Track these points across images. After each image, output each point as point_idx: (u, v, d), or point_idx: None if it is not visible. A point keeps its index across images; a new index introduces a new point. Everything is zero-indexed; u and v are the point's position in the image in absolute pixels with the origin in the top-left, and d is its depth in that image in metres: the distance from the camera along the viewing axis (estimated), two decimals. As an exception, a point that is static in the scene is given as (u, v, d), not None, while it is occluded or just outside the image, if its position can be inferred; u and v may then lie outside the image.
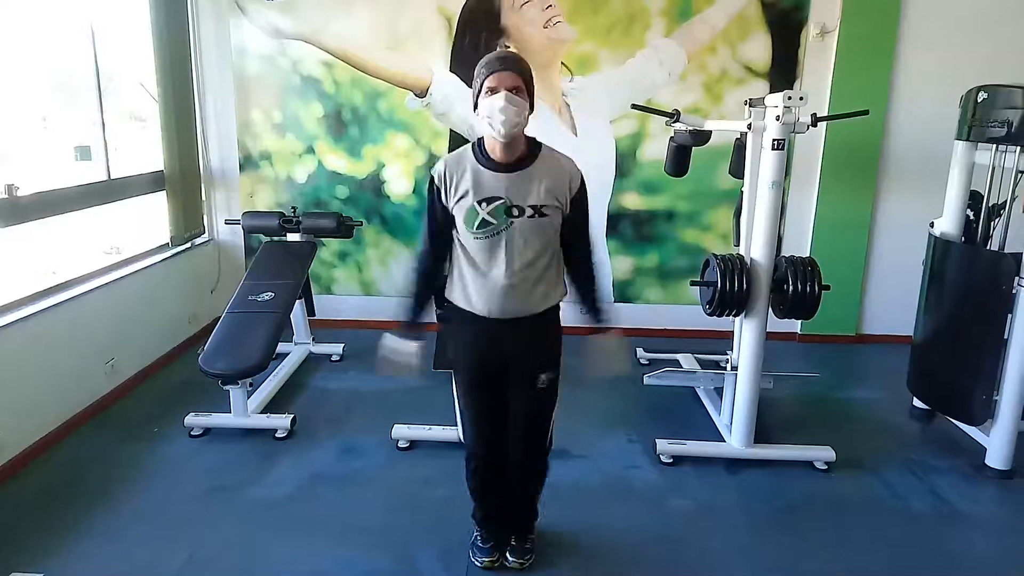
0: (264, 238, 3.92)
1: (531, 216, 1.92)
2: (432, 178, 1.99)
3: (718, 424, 3.16)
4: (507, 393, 2.11)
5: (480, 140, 1.97)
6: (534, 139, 1.99)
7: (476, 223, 1.92)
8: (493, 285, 1.96)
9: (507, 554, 2.29)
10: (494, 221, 1.91)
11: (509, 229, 1.92)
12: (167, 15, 3.79)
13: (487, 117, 1.86)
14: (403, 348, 2.07)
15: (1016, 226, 2.85)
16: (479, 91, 1.89)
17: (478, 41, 4.03)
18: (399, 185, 4.33)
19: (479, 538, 2.33)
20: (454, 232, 1.99)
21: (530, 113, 1.90)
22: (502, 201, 1.91)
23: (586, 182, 2.01)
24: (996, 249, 2.91)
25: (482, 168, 1.93)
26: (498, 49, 1.99)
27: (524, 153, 1.94)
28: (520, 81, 1.86)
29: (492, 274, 1.95)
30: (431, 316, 2.13)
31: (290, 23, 4.11)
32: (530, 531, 2.34)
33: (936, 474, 2.87)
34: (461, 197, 1.93)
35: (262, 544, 2.37)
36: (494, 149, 1.92)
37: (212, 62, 4.23)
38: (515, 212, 1.91)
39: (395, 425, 3.02)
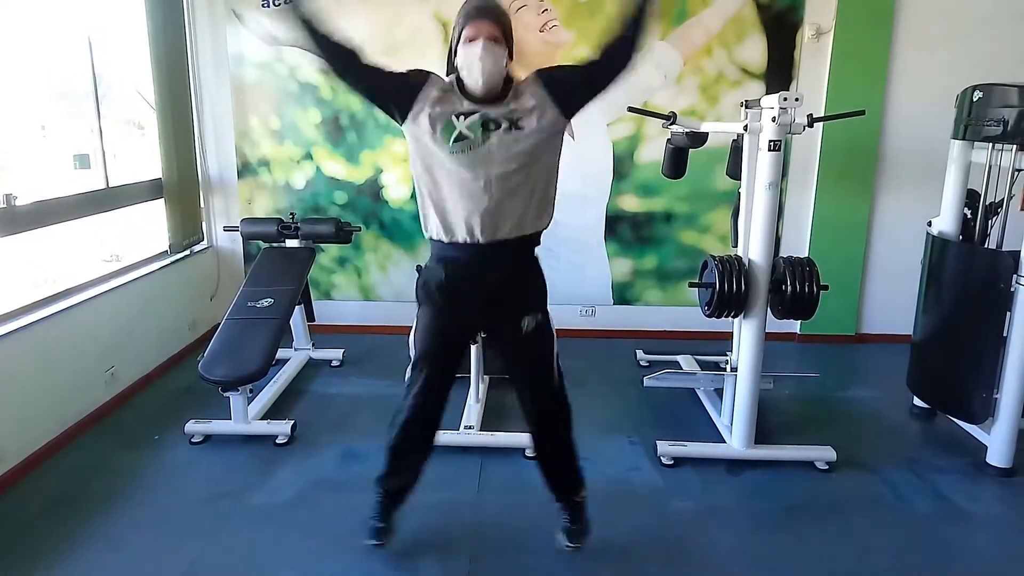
0: (263, 244, 3.93)
1: (507, 129, 1.90)
2: (417, 72, 1.95)
3: (718, 425, 3.16)
4: (498, 350, 2.13)
5: (459, 80, 1.96)
6: (511, 78, 1.98)
7: (453, 136, 1.89)
8: (471, 202, 1.93)
9: (560, 535, 2.28)
10: (471, 134, 1.89)
11: (487, 143, 1.90)
12: (164, 23, 3.80)
13: (465, 67, 1.87)
14: None
15: (1013, 224, 2.85)
16: (457, 39, 1.89)
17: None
18: (397, 190, 4.33)
19: (377, 514, 2.31)
20: (429, 156, 1.95)
21: (509, 61, 1.91)
22: (479, 115, 1.90)
23: (546, 68, 1.97)
24: (994, 247, 2.91)
25: (460, 97, 1.94)
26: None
27: (502, 90, 1.95)
28: (499, 30, 1.87)
29: (470, 191, 1.92)
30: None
31: (287, 30, 4.11)
32: (580, 488, 2.32)
33: (937, 473, 2.87)
34: (439, 110, 1.90)
35: (264, 551, 2.37)
36: (473, 91, 1.93)
37: (209, 69, 4.24)
38: (491, 125, 1.90)
39: (396, 430, 3.01)
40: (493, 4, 1.93)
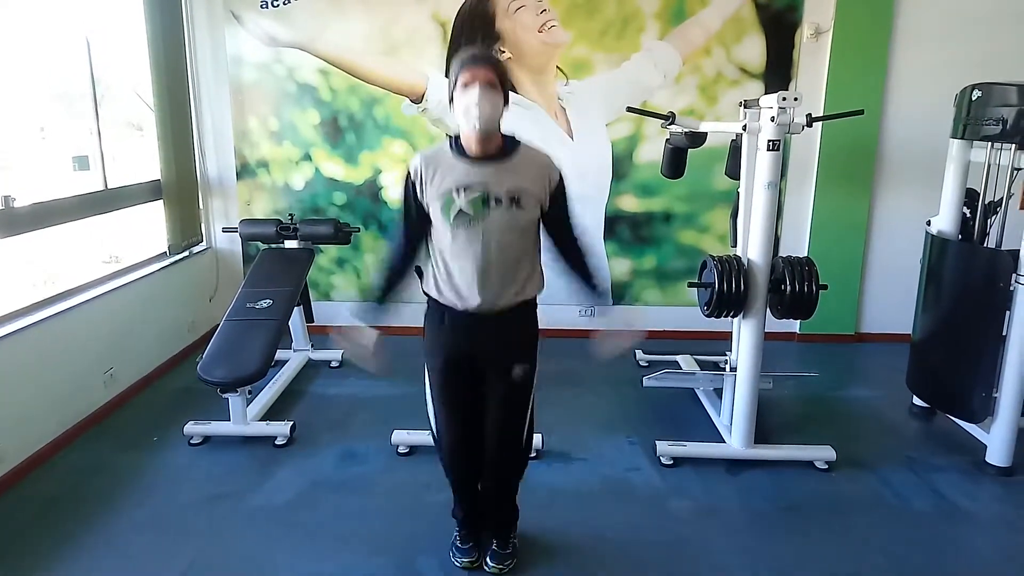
0: (262, 245, 3.93)
1: (508, 207, 1.91)
2: (408, 173, 1.98)
3: (718, 425, 3.16)
4: (483, 391, 2.11)
5: (456, 137, 1.97)
6: (512, 136, 1.99)
7: (453, 213, 1.91)
8: (469, 277, 1.94)
9: (487, 559, 2.27)
10: (471, 211, 1.90)
11: (486, 220, 1.91)
12: (163, 25, 3.80)
13: (463, 111, 1.87)
14: (363, 338, 2.08)
15: (1012, 223, 2.85)
16: (454, 86, 1.89)
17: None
18: (396, 191, 4.32)
19: (458, 538, 2.32)
20: (438, 224, 1.97)
21: (505, 107, 1.91)
22: (479, 191, 1.90)
23: (564, 177, 2.01)
24: (993, 246, 2.91)
25: (459, 161, 1.94)
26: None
27: (500, 146, 1.95)
28: (494, 75, 1.87)
29: (468, 266, 1.94)
30: (389, 312, 2.10)
31: (285, 31, 4.12)
32: (511, 531, 2.31)
33: (936, 472, 2.87)
34: (438, 188, 1.93)
35: (263, 551, 2.37)
36: (470, 144, 1.92)
37: (208, 71, 4.24)
38: (492, 202, 1.91)
39: (395, 431, 3.01)
40: (488, 53, 1.96)
